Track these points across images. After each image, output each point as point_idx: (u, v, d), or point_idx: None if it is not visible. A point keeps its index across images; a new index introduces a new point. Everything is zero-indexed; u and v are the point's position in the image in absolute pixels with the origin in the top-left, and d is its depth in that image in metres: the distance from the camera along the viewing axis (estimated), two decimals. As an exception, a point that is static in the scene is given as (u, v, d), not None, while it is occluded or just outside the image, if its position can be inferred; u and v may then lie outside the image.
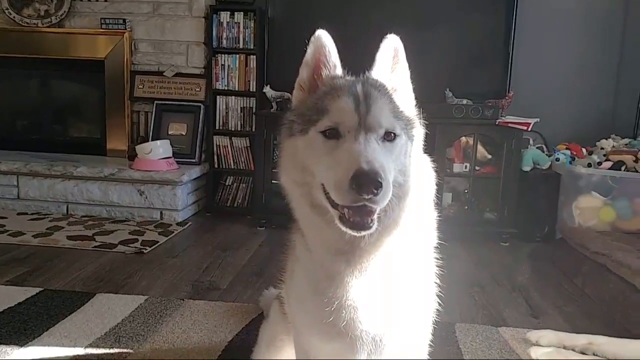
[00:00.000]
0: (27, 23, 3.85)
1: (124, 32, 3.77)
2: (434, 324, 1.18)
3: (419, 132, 1.03)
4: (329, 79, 1.02)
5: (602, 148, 3.29)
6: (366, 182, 0.82)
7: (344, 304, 1.00)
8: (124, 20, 3.78)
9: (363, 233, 0.89)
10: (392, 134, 0.93)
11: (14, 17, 3.85)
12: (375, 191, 0.82)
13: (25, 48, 3.90)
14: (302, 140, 0.96)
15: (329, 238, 0.97)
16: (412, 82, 1.08)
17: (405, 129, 0.97)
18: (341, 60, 1.05)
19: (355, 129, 0.91)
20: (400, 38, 1.03)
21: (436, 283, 1.15)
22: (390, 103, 0.97)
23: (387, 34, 1.04)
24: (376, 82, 1.00)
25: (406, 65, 1.04)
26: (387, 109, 0.94)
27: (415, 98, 1.07)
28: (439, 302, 1.17)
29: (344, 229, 0.89)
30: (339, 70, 1.03)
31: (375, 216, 0.89)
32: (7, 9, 3.84)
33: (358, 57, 1.08)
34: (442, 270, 1.16)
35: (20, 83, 4.13)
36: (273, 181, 3.27)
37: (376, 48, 1.03)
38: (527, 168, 3.33)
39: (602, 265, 2.43)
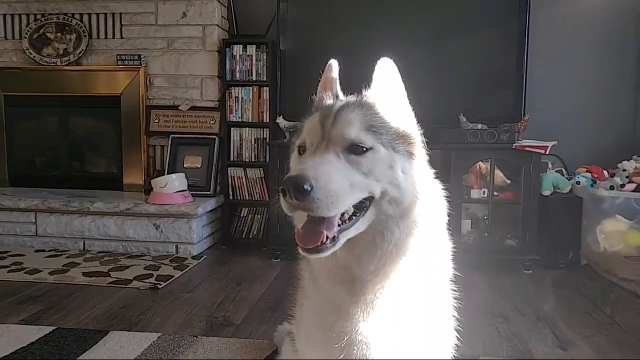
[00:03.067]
0: (47, 62, 3.95)
1: (139, 68, 3.84)
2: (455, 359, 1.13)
3: (419, 151, 0.99)
4: (321, 101, 1.04)
5: (624, 170, 3.19)
6: (287, 185, 0.82)
7: (355, 340, 0.95)
8: (139, 56, 3.85)
9: (314, 255, 0.87)
10: (362, 147, 0.90)
11: (34, 56, 3.95)
12: (298, 194, 0.80)
13: (44, 86, 3.99)
14: (291, 158, 1.02)
15: (326, 262, 0.94)
16: (425, 109, 1.07)
17: (393, 144, 0.93)
18: (351, 88, 1.05)
19: (318, 143, 0.91)
20: (412, 65, 1.03)
21: (455, 317, 1.10)
22: (366, 117, 0.93)
23: (400, 61, 1.02)
24: (358, 100, 0.98)
25: (401, 85, 1.02)
26: (357, 122, 0.92)
27: (429, 123, 1.07)
28: (459, 337, 1.12)
29: (300, 250, 0.88)
30: (340, 97, 1.04)
31: (328, 239, 0.86)
32: (28, 49, 3.95)
33: (369, 85, 1.05)
34: (462, 302, 1.11)
35: (40, 120, 4.20)
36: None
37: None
38: (547, 192, 3.25)
39: (632, 291, 2.33)
